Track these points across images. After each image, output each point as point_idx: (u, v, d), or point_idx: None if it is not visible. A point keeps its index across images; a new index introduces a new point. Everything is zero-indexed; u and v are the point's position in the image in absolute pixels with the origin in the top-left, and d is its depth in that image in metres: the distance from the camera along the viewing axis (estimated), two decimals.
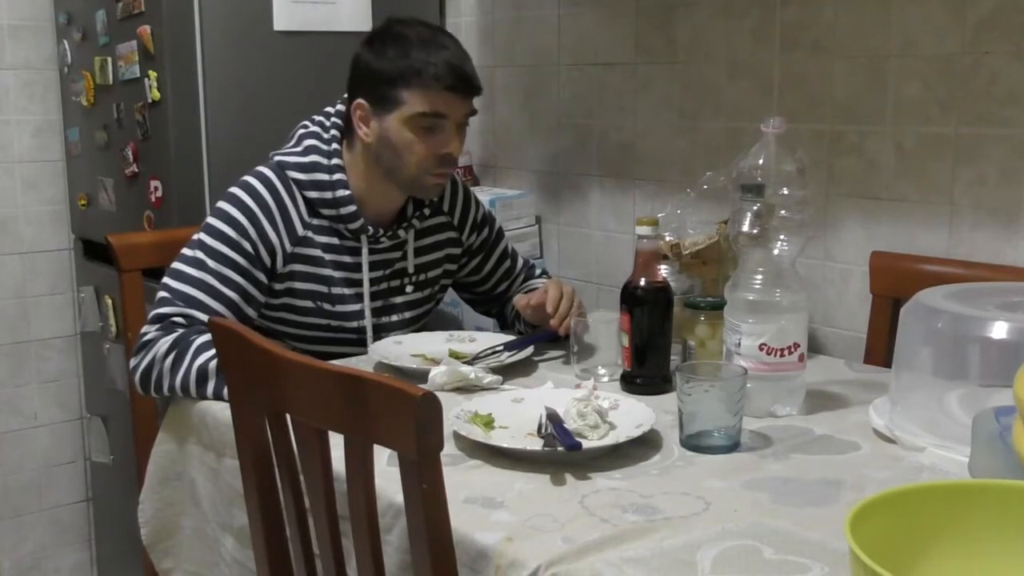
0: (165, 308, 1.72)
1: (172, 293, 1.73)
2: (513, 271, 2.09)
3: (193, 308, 1.71)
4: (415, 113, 1.74)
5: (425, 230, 1.94)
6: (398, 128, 1.76)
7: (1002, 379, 1.15)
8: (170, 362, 1.65)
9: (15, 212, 2.91)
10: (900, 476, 1.27)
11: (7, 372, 2.94)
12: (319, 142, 1.83)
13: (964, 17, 1.72)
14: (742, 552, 1.07)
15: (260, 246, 1.77)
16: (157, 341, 1.68)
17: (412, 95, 1.74)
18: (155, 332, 1.70)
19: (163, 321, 1.71)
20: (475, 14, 2.69)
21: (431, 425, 1.01)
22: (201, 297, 1.72)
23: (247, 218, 1.77)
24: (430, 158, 1.77)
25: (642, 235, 1.61)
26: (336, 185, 1.80)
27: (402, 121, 1.75)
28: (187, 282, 1.73)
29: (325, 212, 1.81)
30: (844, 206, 1.91)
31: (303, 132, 1.86)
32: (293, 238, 1.80)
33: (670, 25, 2.20)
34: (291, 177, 1.80)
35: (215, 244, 1.76)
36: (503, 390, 1.62)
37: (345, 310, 1.86)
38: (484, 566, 1.11)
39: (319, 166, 1.80)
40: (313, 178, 1.80)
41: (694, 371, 1.40)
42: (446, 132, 1.77)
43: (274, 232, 1.78)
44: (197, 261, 1.75)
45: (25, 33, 2.86)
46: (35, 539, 3.04)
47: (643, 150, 2.30)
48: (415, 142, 1.76)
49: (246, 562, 1.49)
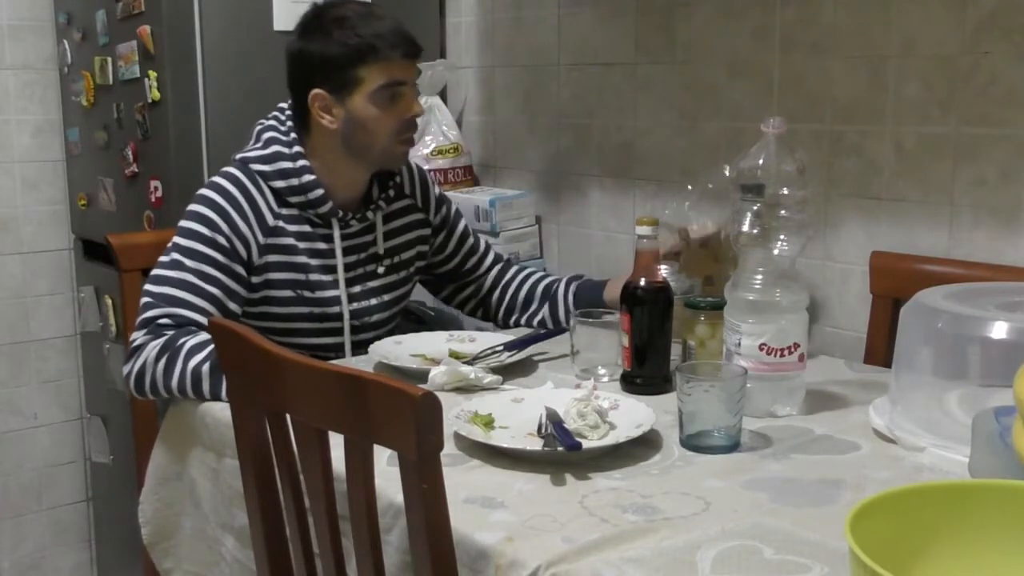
0: (150, 312, 1.72)
1: (154, 297, 1.73)
2: (478, 248, 2.11)
3: (177, 307, 1.72)
4: (377, 87, 1.78)
5: (392, 213, 1.96)
6: (363, 106, 1.79)
7: (1002, 379, 1.15)
8: (162, 366, 1.66)
9: (15, 212, 2.91)
10: (900, 476, 1.27)
11: (7, 372, 2.95)
12: (278, 134, 1.86)
13: (964, 17, 1.72)
14: (742, 552, 1.07)
15: (234, 239, 1.78)
16: (147, 346, 1.68)
17: (370, 71, 1.78)
18: (143, 337, 1.70)
19: (149, 325, 1.71)
20: (475, 14, 2.69)
21: (431, 425, 1.01)
22: (184, 296, 1.73)
23: (217, 214, 1.78)
24: (398, 126, 1.82)
25: (642, 235, 1.61)
26: (302, 171, 1.82)
27: (366, 98, 1.79)
28: (168, 284, 1.73)
29: (293, 200, 1.83)
30: (844, 206, 1.91)
31: (260, 128, 1.90)
32: (264, 229, 1.81)
33: (670, 25, 2.20)
34: (256, 170, 1.83)
35: (190, 244, 1.76)
36: (503, 390, 1.62)
37: (325, 296, 1.87)
38: (484, 566, 1.11)
39: (282, 155, 1.83)
40: (277, 167, 1.82)
41: (694, 371, 1.40)
42: (407, 97, 1.82)
43: (245, 225, 1.79)
44: (174, 263, 1.75)
45: (25, 33, 2.86)
46: (35, 539, 3.04)
47: (643, 150, 2.30)
48: (382, 115, 1.80)
49: (246, 562, 1.49)
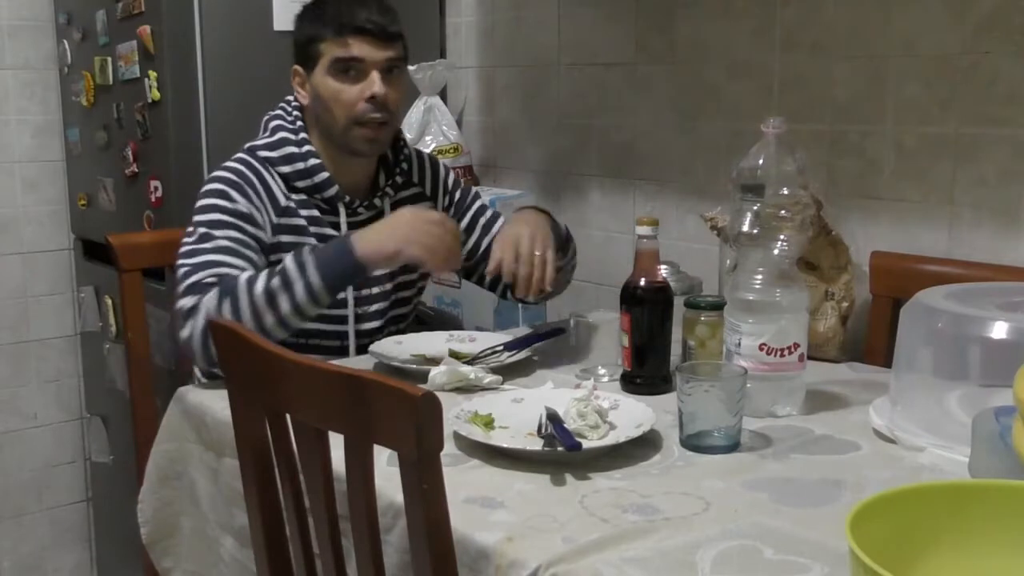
0: (191, 278, 1.69)
1: (192, 266, 1.71)
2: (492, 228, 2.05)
3: (220, 268, 1.70)
4: (332, 60, 1.80)
5: (401, 201, 1.95)
6: (322, 80, 1.82)
7: (1002, 379, 1.15)
8: (228, 308, 1.64)
9: (15, 212, 2.91)
10: (900, 476, 1.27)
11: (7, 372, 2.95)
12: (284, 122, 1.88)
13: (964, 17, 1.72)
14: (742, 552, 1.07)
15: (254, 212, 1.79)
16: (200, 304, 1.66)
17: (327, 45, 1.81)
18: (191, 299, 1.67)
19: (195, 287, 1.68)
20: (475, 14, 2.69)
21: (431, 425, 1.01)
22: (222, 258, 1.72)
23: (234, 189, 1.79)
24: (356, 105, 1.81)
25: (642, 235, 1.61)
26: (307, 156, 1.84)
27: (324, 72, 1.81)
28: (202, 253, 1.72)
29: (300, 184, 1.84)
30: (844, 206, 1.91)
31: (267, 119, 1.91)
32: (277, 209, 1.82)
33: (670, 25, 2.20)
34: (263, 157, 1.84)
35: (213, 217, 1.76)
36: (503, 390, 1.62)
37: None
38: (484, 566, 1.10)
39: (288, 141, 1.85)
40: (284, 152, 1.84)
41: (694, 371, 1.40)
42: (367, 77, 1.81)
43: (260, 203, 1.80)
44: (204, 236, 1.74)
45: (25, 33, 2.87)
46: (35, 539, 3.04)
47: (643, 150, 2.30)
48: (339, 90, 1.81)
49: (246, 562, 1.48)
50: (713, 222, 1.79)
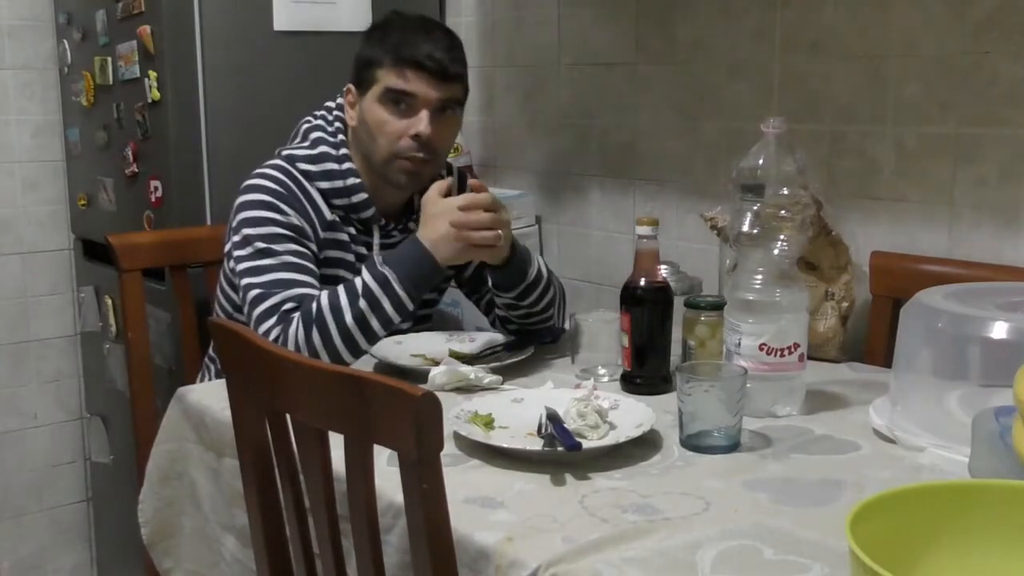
0: (268, 302, 1.68)
1: (263, 287, 1.69)
2: None
3: (291, 288, 1.69)
4: (385, 89, 1.76)
5: None
6: (371, 106, 1.78)
7: (1002, 379, 1.15)
8: (318, 338, 1.62)
9: (15, 212, 2.91)
10: (900, 476, 1.27)
11: (7, 372, 2.95)
12: (325, 134, 1.84)
13: (964, 17, 1.72)
14: (742, 552, 1.07)
15: (304, 225, 1.77)
16: (288, 333, 1.64)
17: (383, 72, 1.77)
18: (277, 329, 1.65)
19: (276, 313, 1.67)
20: (475, 14, 2.69)
21: (431, 425, 1.01)
22: (291, 276, 1.70)
23: (282, 202, 1.76)
24: (400, 139, 1.77)
25: (642, 235, 1.61)
26: (347, 174, 1.81)
27: (375, 99, 1.78)
28: (269, 271, 1.70)
29: (337, 203, 1.81)
30: (844, 206, 1.91)
31: (308, 126, 1.87)
32: (323, 223, 1.80)
33: (670, 25, 2.20)
34: (301, 169, 1.80)
35: (270, 230, 1.74)
36: (503, 390, 1.62)
37: None
38: (484, 566, 1.10)
39: (328, 156, 1.81)
40: (324, 168, 1.80)
41: (694, 371, 1.40)
42: (417, 114, 1.76)
43: (305, 216, 1.78)
44: (264, 252, 1.72)
45: (25, 33, 2.86)
46: (35, 539, 3.04)
47: (643, 150, 2.30)
48: (386, 121, 1.77)
49: (246, 562, 1.49)
50: (713, 222, 1.79)
